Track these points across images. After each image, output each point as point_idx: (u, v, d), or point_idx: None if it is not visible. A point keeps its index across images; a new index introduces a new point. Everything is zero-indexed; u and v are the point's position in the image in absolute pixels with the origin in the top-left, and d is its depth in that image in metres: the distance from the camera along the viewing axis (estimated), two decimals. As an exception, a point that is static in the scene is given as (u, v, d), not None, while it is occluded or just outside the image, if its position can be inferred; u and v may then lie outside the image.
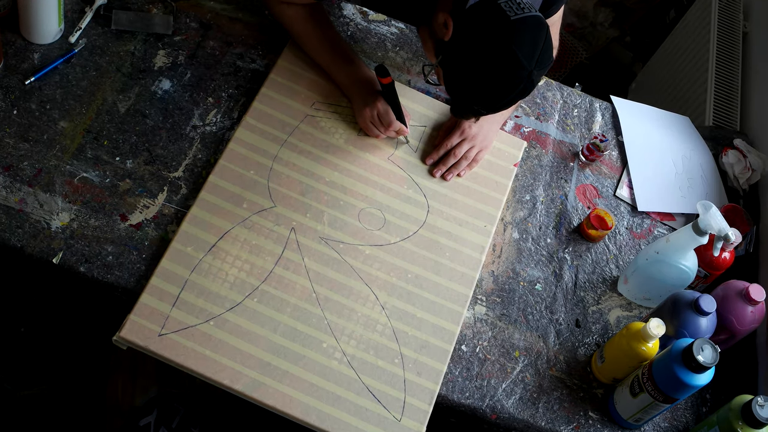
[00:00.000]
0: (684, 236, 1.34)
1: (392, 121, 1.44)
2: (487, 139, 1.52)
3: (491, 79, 1.20)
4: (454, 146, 1.50)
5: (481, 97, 1.23)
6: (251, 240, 1.34)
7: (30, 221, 1.29)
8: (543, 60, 1.20)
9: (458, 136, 1.50)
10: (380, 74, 1.42)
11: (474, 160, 1.51)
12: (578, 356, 1.40)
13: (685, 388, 1.22)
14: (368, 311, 1.33)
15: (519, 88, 1.21)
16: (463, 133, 1.50)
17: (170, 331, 1.24)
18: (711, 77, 2.00)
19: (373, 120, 1.45)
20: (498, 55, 1.18)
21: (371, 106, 1.45)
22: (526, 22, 1.18)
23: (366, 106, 1.46)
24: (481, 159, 1.52)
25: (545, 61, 1.21)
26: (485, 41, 1.19)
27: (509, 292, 1.43)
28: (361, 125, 1.48)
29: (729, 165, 1.69)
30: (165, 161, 1.40)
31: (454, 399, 1.31)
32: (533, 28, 1.19)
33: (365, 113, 1.46)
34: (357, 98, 1.48)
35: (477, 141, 1.50)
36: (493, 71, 1.19)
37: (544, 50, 1.20)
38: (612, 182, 1.61)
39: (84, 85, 1.43)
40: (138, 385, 1.61)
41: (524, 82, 1.20)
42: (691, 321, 1.29)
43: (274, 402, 1.23)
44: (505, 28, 1.18)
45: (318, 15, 1.49)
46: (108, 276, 1.28)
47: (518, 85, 1.20)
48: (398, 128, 1.45)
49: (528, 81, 1.20)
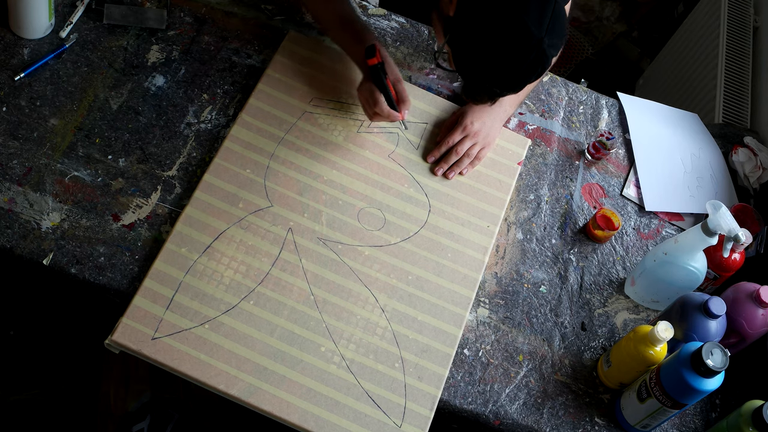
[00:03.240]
0: (693, 237, 1.33)
1: (377, 103, 1.38)
2: (489, 136, 1.50)
3: (499, 49, 1.17)
4: (456, 143, 1.48)
5: (492, 72, 1.19)
6: (247, 241, 1.33)
7: (19, 221, 1.29)
8: (555, 29, 1.16)
9: (460, 133, 1.48)
10: (366, 55, 1.37)
11: (476, 158, 1.49)
12: (584, 360, 1.39)
13: (694, 393, 1.21)
14: (368, 314, 1.32)
15: (530, 57, 1.16)
16: (465, 130, 1.48)
17: (164, 334, 1.23)
18: (721, 73, 2.00)
19: (364, 102, 1.42)
20: (504, 22, 1.15)
21: (361, 88, 1.41)
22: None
23: (359, 87, 1.43)
24: (483, 157, 1.50)
25: (557, 30, 1.17)
26: (490, 10, 1.16)
27: (513, 294, 1.42)
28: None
29: (739, 163, 1.68)
30: (158, 160, 1.39)
31: (456, 404, 1.30)
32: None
33: (358, 94, 1.43)
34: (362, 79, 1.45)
35: (479, 138, 1.48)
36: (501, 41, 1.16)
37: (555, 18, 1.16)
38: (619, 181, 1.60)
39: (75, 81, 1.43)
40: (131, 390, 1.61)
41: (535, 51, 1.16)
42: (701, 324, 1.29)
43: (271, 407, 1.22)
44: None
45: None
46: (100, 278, 1.27)
47: (529, 53, 1.16)
48: (385, 113, 1.38)
49: (539, 51, 1.16)
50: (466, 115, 1.49)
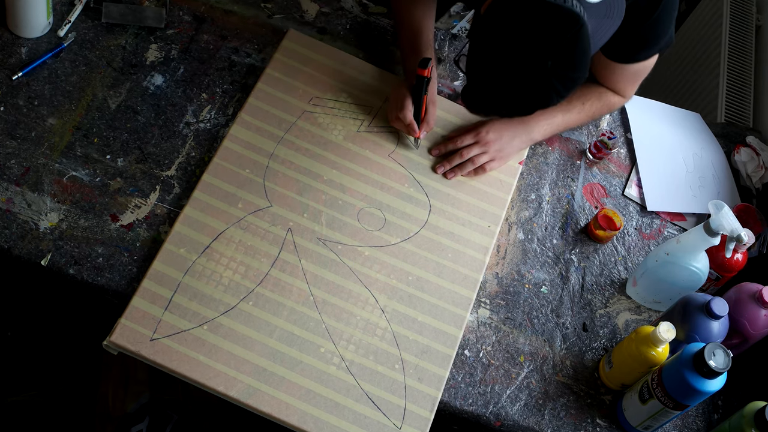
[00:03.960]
0: (695, 237, 1.32)
1: (404, 109, 1.41)
2: (502, 151, 1.47)
3: (503, 65, 1.10)
4: (464, 146, 1.46)
5: (489, 84, 1.14)
6: (246, 241, 1.33)
7: (17, 222, 1.28)
8: (571, 62, 1.08)
9: (472, 137, 1.46)
10: (420, 64, 1.40)
11: (482, 168, 1.46)
12: (585, 361, 1.38)
13: (696, 395, 1.20)
14: (367, 315, 1.31)
15: (532, 83, 1.09)
16: (478, 135, 1.46)
17: (162, 335, 1.23)
18: (723, 72, 1.99)
19: (392, 102, 1.44)
20: (515, 41, 1.08)
21: (397, 90, 1.44)
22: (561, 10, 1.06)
23: (395, 87, 1.45)
24: (490, 169, 1.47)
25: (574, 64, 1.09)
26: (510, 24, 1.09)
27: (514, 294, 1.41)
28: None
29: (741, 163, 1.68)
30: (157, 159, 1.38)
31: (456, 406, 1.30)
32: (563, 18, 1.06)
33: (391, 93, 1.46)
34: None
35: (490, 149, 1.46)
36: (507, 57, 1.09)
37: (574, 51, 1.08)
38: (620, 181, 1.59)
39: (73, 80, 1.42)
40: (129, 392, 1.60)
41: (539, 78, 1.09)
42: (703, 325, 1.28)
43: (270, 409, 1.21)
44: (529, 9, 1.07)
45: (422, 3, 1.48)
46: (98, 278, 1.27)
47: (531, 79, 1.09)
48: (407, 121, 1.41)
49: (544, 78, 1.09)
50: (485, 123, 1.47)
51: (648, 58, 1.42)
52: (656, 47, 1.38)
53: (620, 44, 1.33)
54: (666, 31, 1.35)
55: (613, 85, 1.49)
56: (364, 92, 1.52)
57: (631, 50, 1.38)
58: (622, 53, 1.40)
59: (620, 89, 1.50)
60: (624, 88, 1.50)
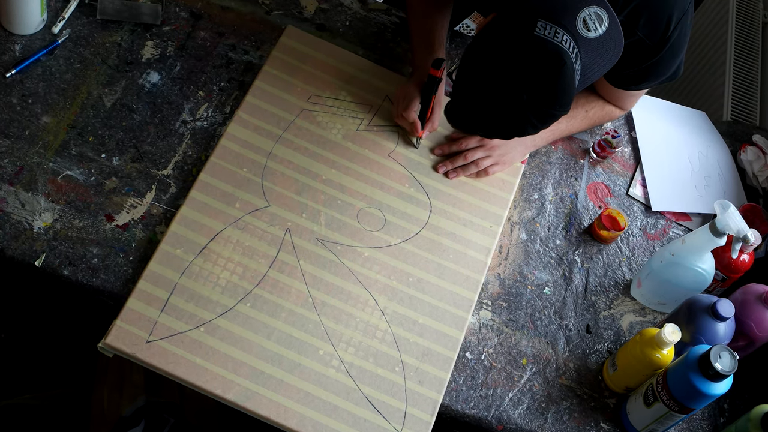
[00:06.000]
0: (700, 237, 1.32)
1: (409, 107, 1.41)
2: (507, 155, 1.48)
3: (482, 89, 1.15)
4: (469, 149, 1.46)
5: (469, 105, 1.19)
6: (244, 241, 1.32)
7: (11, 222, 1.27)
8: (550, 97, 1.13)
9: (477, 140, 1.47)
10: (433, 65, 1.40)
11: (484, 171, 1.47)
12: (589, 364, 1.38)
13: (701, 398, 1.20)
14: (367, 317, 1.30)
15: (507, 112, 1.15)
16: (483, 139, 1.46)
17: (158, 337, 1.22)
18: (729, 70, 2.00)
19: (398, 99, 1.44)
20: (496, 71, 1.13)
21: (404, 87, 1.44)
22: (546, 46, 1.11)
23: (402, 85, 1.46)
24: (492, 173, 1.47)
25: (554, 100, 1.14)
26: (495, 53, 1.14)
27: (516, 296, 1.41)
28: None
29: (748, 162, 1.67)
30: (153, 158, 1.38)
31: (458, 409, 1.29)
32: (546, 54, 1.12)
33: (397, 90, 1.46)
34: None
35: (495, 153, 1.46)
36: (487, 82, 1.14)
37: (549, 84, 1.13)
38: (624, 180, 1.59)
39: (68, 78, 1.41)
40: (125, 395, 1.60)
41: (513, 108, 1.14)
42: (708, 327, 1.28)
43: (268, 412, 1.21)
44: (515, 41, 1.12)
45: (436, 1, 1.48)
46: (93, 279, 1.26)
47: (506, 108, 1.14)
48: (411, 119, 1.42)
49: (519, 110, 1.14)
50: None
51: (649, 88, 1.47)
52: (658, 81, 1.42)
53: (622, 75, 1.39)
54: (670, 68, 1.39)
55: (613, 102, 1.53)
56: (364, 90, 1.51)
57: (633, 81, 1.42)
58: (623, 82, 1.44)
59: (620, 105, 1.54)
60: (624, 105, 1.54)
